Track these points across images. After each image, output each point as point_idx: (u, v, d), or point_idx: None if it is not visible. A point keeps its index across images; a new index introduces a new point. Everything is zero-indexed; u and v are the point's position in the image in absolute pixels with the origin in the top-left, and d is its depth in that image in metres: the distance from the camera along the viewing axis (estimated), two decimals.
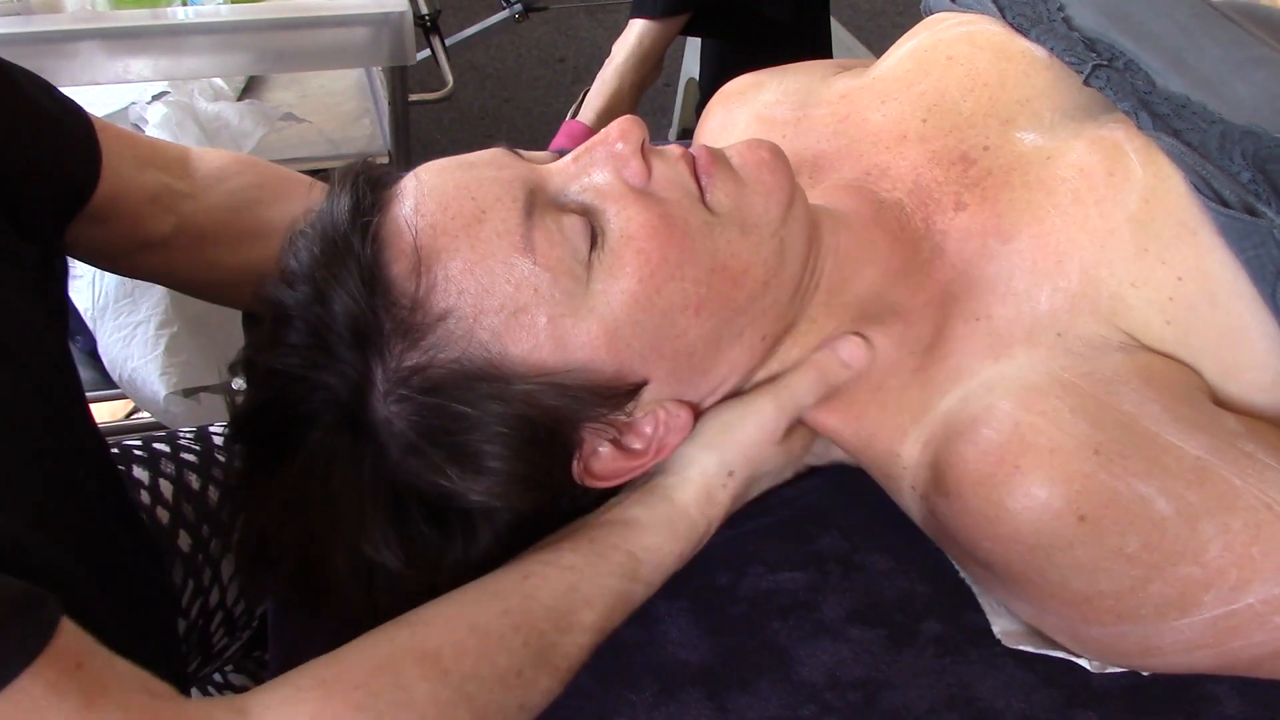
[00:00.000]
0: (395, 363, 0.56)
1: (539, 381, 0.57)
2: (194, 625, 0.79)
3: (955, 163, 0.70)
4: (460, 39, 2.38)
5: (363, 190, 0.59)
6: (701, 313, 0.60)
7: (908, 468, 0.65)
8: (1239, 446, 0.58)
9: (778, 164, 0.63)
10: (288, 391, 0.58)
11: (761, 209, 0.62)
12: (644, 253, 0.58)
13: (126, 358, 1.44)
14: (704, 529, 0.63)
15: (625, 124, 0.61)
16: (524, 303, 0.57)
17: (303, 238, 0.59)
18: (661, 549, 0.61)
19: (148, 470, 0.80)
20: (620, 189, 0.60)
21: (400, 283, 0.56)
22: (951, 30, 0.77)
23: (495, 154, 0.61)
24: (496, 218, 0.57)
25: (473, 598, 0.57)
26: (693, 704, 0.62)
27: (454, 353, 0.56)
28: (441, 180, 0.59)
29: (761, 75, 0.84)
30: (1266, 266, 0.60)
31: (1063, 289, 0.63)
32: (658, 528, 0.61)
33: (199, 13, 1.10)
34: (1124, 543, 0.56)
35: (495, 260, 0.57)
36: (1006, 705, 0.62)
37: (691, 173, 0.62)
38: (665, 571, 0.62)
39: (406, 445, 0.57)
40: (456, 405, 0.56)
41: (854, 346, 0.65)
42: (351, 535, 0.57)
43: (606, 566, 0.59)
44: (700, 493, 0.63)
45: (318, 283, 0.57)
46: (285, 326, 0.58)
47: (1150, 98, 0.67)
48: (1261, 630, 0.57)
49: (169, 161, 0.75)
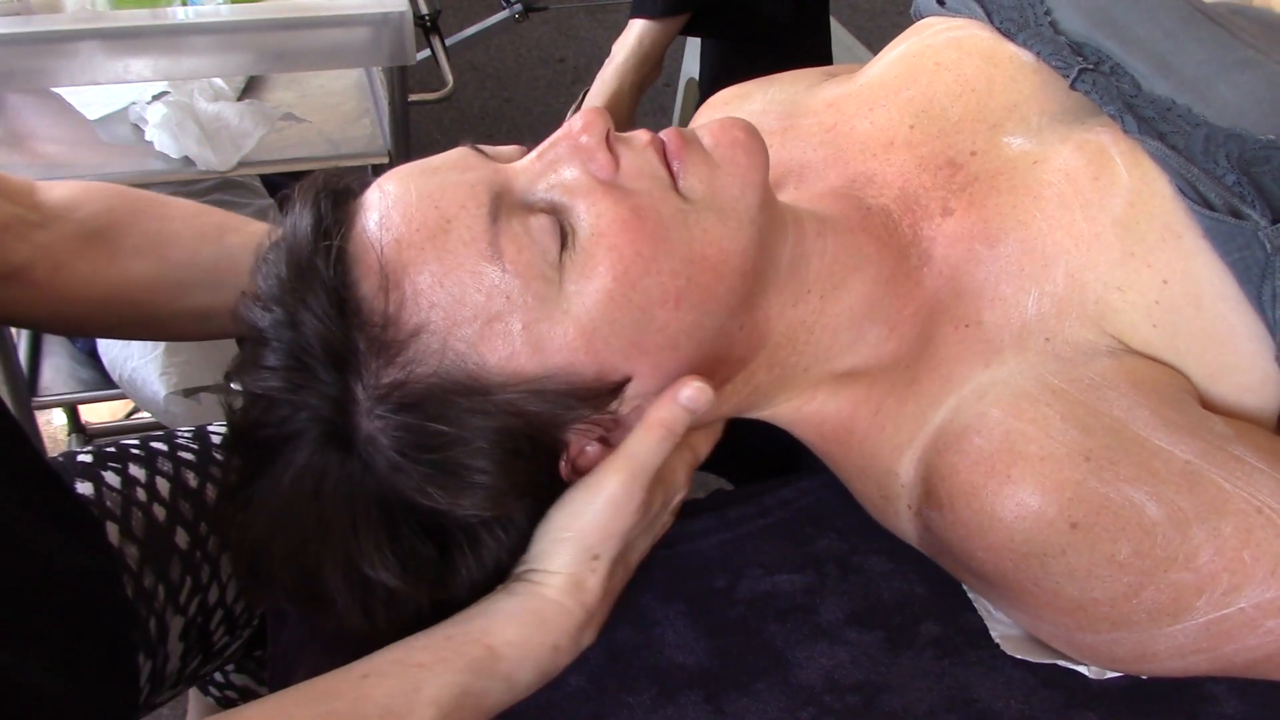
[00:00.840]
0: (374, 380, 0.56)
1: (519, 389, 0.56)
2: (192, 622, 0.79)
3: (942, 168, 0.70)
4: (460, 39, 2.38)
5: (324, 208, 0.58)
6: (681, 305, 0.58)
7: (905, 486, 0.65)
8: (1228, 450, 0.58)
9: (752, 144, 0.61)
10: (272, 412, 0.57)
11: (738, 192, 0.60)
12: (616, 249, 0.57)
13: (126, 358, 1.44)
14: (586, 613, 0.61)
15: (588, 115, 0.59)
16: (497, 310, 0.56)
17: (269, 260, 0.58)
18: (527, 642, 0.59)
19: (144, 468, 0.80)
20: (588, 183, 0.58)
21: (370, 301, 0.56)
22: (940, 36, 0.77)
23: (460, 155, 0.60)
24: (462, 226, 0.56)
25: (300, 697, 0.56)
26: (691, 707, 0.62)
27: (430, 367, 0.56)
28: (405, 190, 0.58)
29: (748, 86, 0.84)
30: (1252, 269, 0.60)
31: (1049, 293, 0.63)
32: (523, 621, 0.59)
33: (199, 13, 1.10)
34: (1116, 549, 0.56)
35: (463, 270, 0.56)
36: (1006, 707, 0.62)
37: (661, 159, 0.60)
38: (539, 665, 0.60)
39: (392, 462, 0.56)
40: (437, 423, 0.56)
41: (693, 390, 0.59)
42: (344, 552, 0.57)
43: (460, 663, 0.57)
44: (568, 583, 0.60)
45: (287, 306, 0.56)
46: (263, 349, 0.57)
47: (1136, 101, 0.67)
48: (1254, 634, 0.57)
49: (15, 191, 0.72)
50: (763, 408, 0.69)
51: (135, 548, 0.76)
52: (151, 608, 0.76)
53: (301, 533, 0.57)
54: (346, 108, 1.33)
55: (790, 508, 0.74)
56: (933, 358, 0.65)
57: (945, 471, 0.61)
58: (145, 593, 0.76)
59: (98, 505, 0.76)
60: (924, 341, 0.66)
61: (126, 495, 0.78)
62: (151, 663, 0.76)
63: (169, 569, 0.77)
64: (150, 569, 0.76)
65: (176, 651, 0.78)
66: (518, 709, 0.61)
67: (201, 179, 1.27)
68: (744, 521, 0.73)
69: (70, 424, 1.71)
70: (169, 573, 0.77)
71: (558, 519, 0.60)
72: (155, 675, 0.77)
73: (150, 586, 0.76)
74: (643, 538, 0.65)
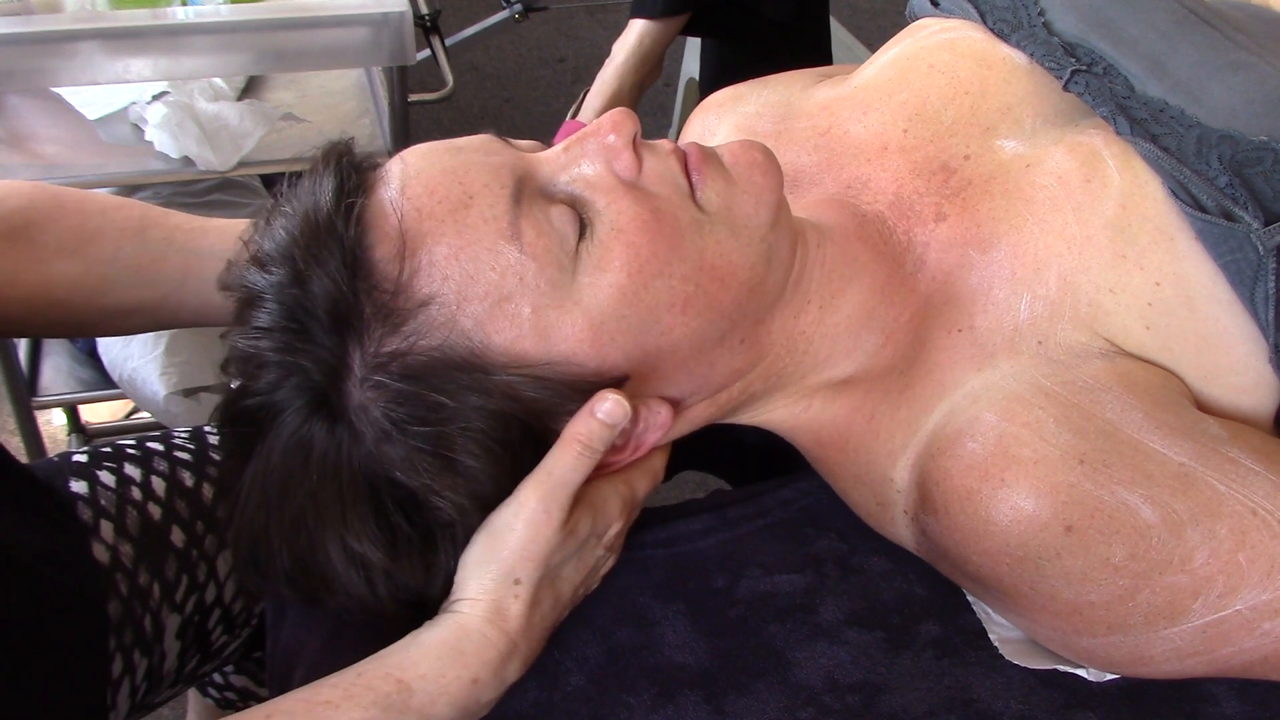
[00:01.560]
0: (375, 348, 0.55)
1: (519, 373, 0.56)
2: (189, 621, 0.79)
3: (936, 173, 0.70)
4: (460, 39, 2.38)
5: (347, 171, 0.58)
6: (687, 311, 0.59)
7: (901, 491, 0.65)
8: (1223, 452, 0.58)
9: (769, 165, 0.63)
10: (260, 376, 0.57)
11: (751, 210, 0.61)
12: (633, 246, 0.57)
13: (126, 358, 1.44)
14: (508, 642, 0.58)
15: (618, 116, 0.60)
16: (508, 291, 0.56)
17: (280, 217, 0.58)
18: (442, 676, 0.56)
19: (139, 468, 0.80)
20: (610, 181, 0.59)
21: (383, 266, 0.55)
22: (933, 38, 0.77)
23: (484, 140, 0.61)
24: (484, 203, 0.56)
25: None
26: (690, 707, 0.62)
27: (435, 340, 0.56)
28: (428, 164, 0.58)
29: (742, 88, 0.84)
30: (1244, 271, 0.60)
31: (1042, 297, 0.63)
32: (438, 654, 0.57)
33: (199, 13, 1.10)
34: (1111, 552, 0.56)
35: (481, 246, 0.56)
36: (1005, 707, 0.62)
37: (682, 169, 0.61)
38: (455, 700, 0.57)
39: (382, 433, 0.56)
40: (434, 394, 0.55)
41: (611, 404, 0.57)
42: (337, 526, 0.56)
43: (368, 698, 0.55)
44: (489, 610, 0.57)
45: (296, 264, 0.55)
46: (257, 309, 0.57)
47: (1128, 103, 0.67)
48: (1251, 636, 0.57)
49: None
50: (758, 413, 0.69)
51: (130, 546, 0.76)
52: (146, 605, 0.76)
53: (296, 506, 0.56)
54: (346, 108, 1.33)
55: (790, 508, 0.74)
56: (925, 363, 0.65)
57: (940, 476, 0.61)
58: (140, 590, 0.76)
59: (92, 504, 0.76)
60: (917, 347, 0.66)
61: (121, 494, 0.78)
62: (148, 661, 0.76)
63: (164, 567, 0.77)
64: (145, 567, 0.76)
65: (174, 650, 0.79)
66: (515, 709, 0.61)
67: (201, 179, 1.27)
68: (744, 521, 0.73)
69: (70, 424, 1.71)
70: (164, 571, 0.77)
71: (479, 543, 0.58)
72: (152, 673, 0.77)
73: (145, 584, 0.76)
74: (570, 565, 0.61)
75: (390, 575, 0.58)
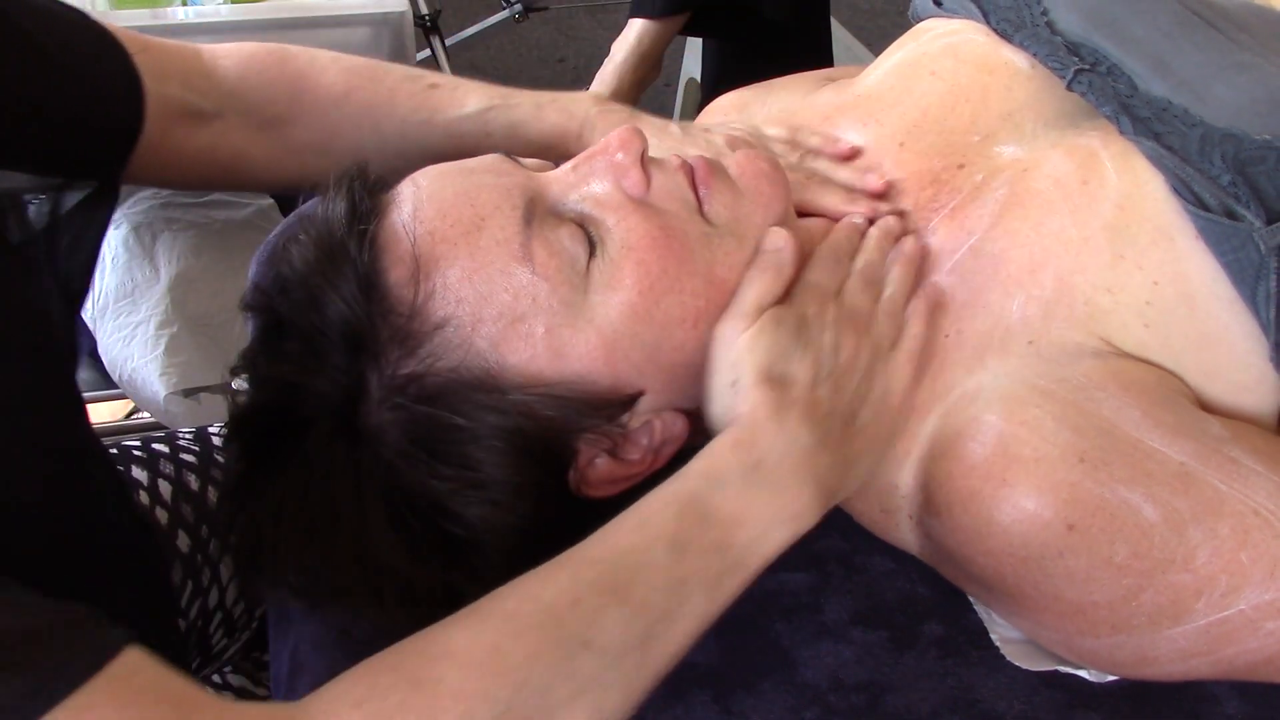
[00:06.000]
0: (391, 370, 0.56)
1: (535, 392, 0.57)
2: (193, 626, 0.79)
3: (933, 183, 0.70)
4: (460, 39, 2.38)
5: (359, 195, 0.58)
6: (699, 325, 0.59)
7: (905, 496, 0.65)
8: (1224, 452, 0.58)
9: (775, 175, 0.63)
10: (281, 397, 0.57)
11: (759, 220, 0.62)
12: (644, 264, 0.58)
13: (126, 358, 1.44)
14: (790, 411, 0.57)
15: (625, 134, 0.60)
16: (522, 312, 0.56)
17: (296, 244, 0.58)
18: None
19: (146, 471, 0.80)
20: (619, 199, 0.59)
21: (398, 290, 0.56)
22: (936, 42, 0.77)
23: (494, 160, 0.61)
24: (496, 225, 0.57)
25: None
26: (699, 706, 0.62)
27: (451, 361, 0.56)
28: (440, 186, 0.59)
29: (745, 95, 0.84)
30: (1246, 270, 0.60)
31: (1036, 298, 0.63)
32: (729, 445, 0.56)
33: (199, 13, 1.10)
34: (1113, 551, 0.56)
35: (494, 268, 0.56)
36: (1008, 707, 0.62)
37: (690, 183, 0.62)
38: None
39: (400, 454, 0.56)
40: (452, 416, 0.56)
41: (773, 235, 0.61)
42: (354, 542, 0.57)
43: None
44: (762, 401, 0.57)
45: (312, 289, 0.56)
46: (277, 333, 0.58)
47: (1131, 102, 0.67)
48: (1254, 636, 0.57)
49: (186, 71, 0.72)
50: None
51: None
52: None
53: (310, 523, 0.57)
54: None
55: None
56: (919, 368, 0.65)
57: (942, 478, 0.61)
58: None
59: None
60: None
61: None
62: None
63: (170, 573, 0.77)
64: None
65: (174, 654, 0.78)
66: None
67: None
68: None
69: None
70: (169, 578, 0.77)
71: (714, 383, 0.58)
72: None
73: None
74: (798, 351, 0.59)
75: (409, 586, 0.58)
